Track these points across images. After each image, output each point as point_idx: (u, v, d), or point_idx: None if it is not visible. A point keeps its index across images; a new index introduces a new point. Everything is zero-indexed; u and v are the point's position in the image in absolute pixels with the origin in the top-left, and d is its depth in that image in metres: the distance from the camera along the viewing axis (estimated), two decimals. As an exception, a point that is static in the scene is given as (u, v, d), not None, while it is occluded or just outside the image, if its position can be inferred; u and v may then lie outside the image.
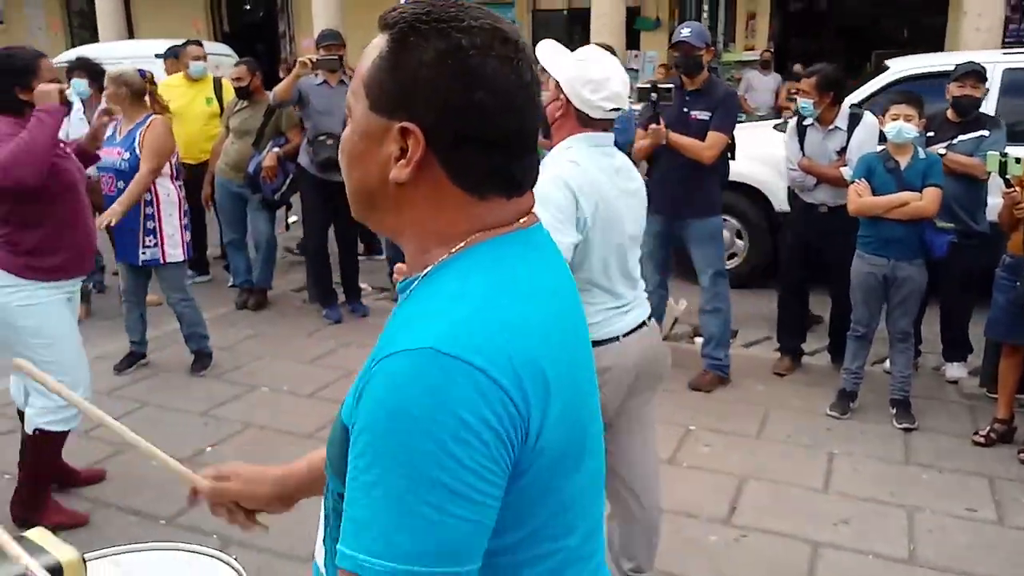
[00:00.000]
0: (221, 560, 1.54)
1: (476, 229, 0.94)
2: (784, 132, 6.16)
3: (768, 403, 4.36)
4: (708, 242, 4.44)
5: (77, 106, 5.90)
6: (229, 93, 6.14)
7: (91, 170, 4.36)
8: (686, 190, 4.32)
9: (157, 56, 6.15)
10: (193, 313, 4.78)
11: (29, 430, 3.20)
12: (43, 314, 3.12)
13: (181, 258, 4.62)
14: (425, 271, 0.95)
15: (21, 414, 3.35)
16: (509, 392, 0.83)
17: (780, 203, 5.96)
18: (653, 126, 4.22)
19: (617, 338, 2.32)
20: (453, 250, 0.93)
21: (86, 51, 8.49)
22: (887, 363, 4.38)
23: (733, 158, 4.48)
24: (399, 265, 1.93)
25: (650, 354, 2.41)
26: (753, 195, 6.08)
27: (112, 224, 4.31)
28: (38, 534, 1.38)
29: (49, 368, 3.12)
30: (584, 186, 2.19)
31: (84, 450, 3.69)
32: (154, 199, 4.44)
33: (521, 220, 0.98)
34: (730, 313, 4.61)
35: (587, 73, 2.23)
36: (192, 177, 6.18)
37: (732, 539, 3.16)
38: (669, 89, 4.20)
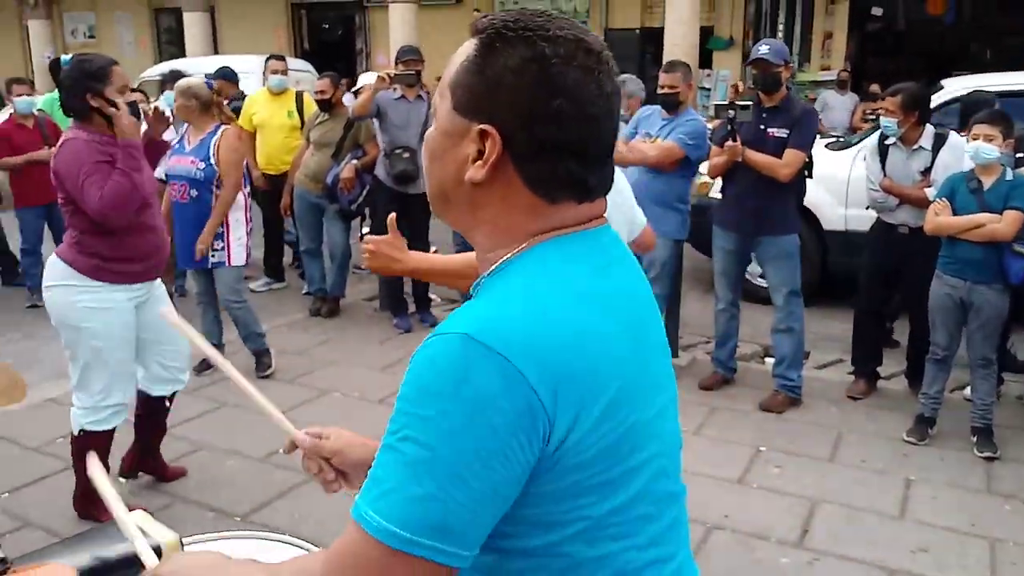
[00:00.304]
0: (301, 548, 1.57)
1: (543, 230, 0.96)
2: (835, 151, 6.07)
3: (841, 426, 4.27)
4: (784, 261, 4.39)
5: (167, 115, 6.16)
6: (310, 107, 6.34)
7: (159, 171, 4.54)
8: (762, 208, 4.28)
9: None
10: (247, 315, 4.91)
11: (75, 431, 3.21)
12: (107, 319, 3.13)
13: (243, 262, 4.78)
14: (491, 269, 0.98)
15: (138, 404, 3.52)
16: (535, 387, 0.85)
17: (829, 222, 5.85)
18: (729, 143, 4.21)
19: None
20: (517, 249, 0.96)
21: (176, 65, 8.87)
22: (967, 390, 4.24)
23: (810, 176, 4.42)
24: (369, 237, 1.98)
25: None
26: (803, 214, 5.95)
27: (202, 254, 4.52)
28: (139, 517, 1.43)
29: (89, 372, 3.14)
30: None
31: (165, 447, 3.82)
32: (216, 206, 4.57)
33: (588, 222, 0.99)
34: (803, 334, 4.54)
35: None
36: (272, 187, 6.40)
37: (805, 562, 3.10)
38: (747, 106, 4.19)
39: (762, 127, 4.25)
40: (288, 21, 16.27)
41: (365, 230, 7.29)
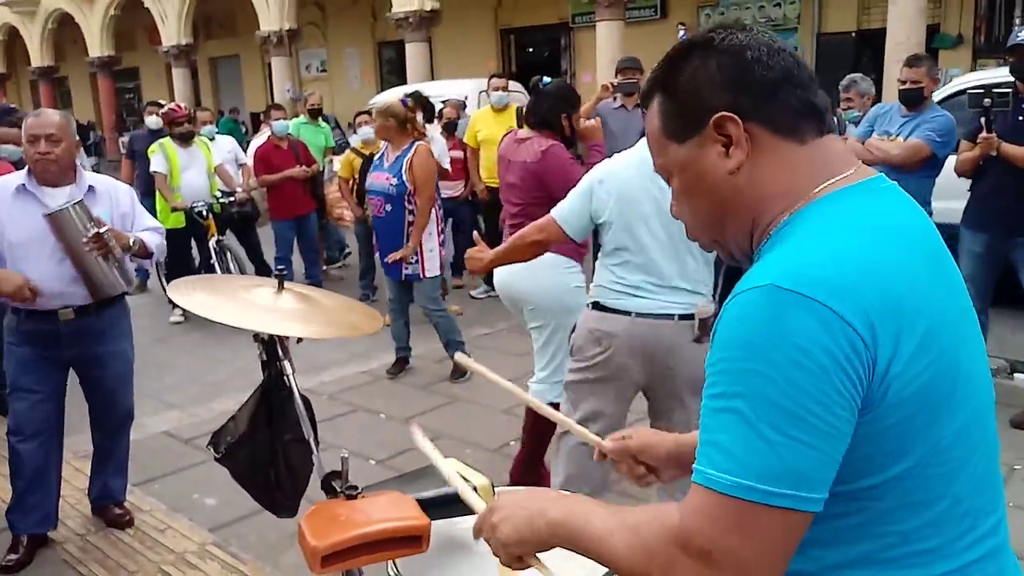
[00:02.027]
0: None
1: (813, 185, 0.99)
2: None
3: (1112, 447, 3.86)
4: (1045, 263, 4.05)
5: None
6: (530, 121, 6.62)
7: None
8: (1019, 207, 3.97)
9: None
10: (447, 322, 5.15)
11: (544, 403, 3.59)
12: (582, 297, 3.48)
13: (437, 273, 5.05)
14: (773, 231, 1.00)
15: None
16: (852, 323, 0.86)
17: None
18: (984, 135, 3.95)
19: (630, 314, 2.64)
20: (796, 207, 0.99)
21: (419, 87, 9.55)
22: None
23: (1075, 172, 4.05)
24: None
25: (653, 347, 2.66)
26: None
27: (399, 259, 4.84)
28: (454, 464, 1.59)
29: (561, 348, 3.48)
30: (607, 177, 2.65)
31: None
32: (415, 221, 4.85)
33: (856, 171, 1.00)
34: (1065, 345, 4.15)
35: None
36: (493, 200, 6.74)
37: (1078, 585, 2.84)
38: (1005, 95, 3.91)
39: (1020, 119, 3.96)
40: (498, 46, 17.02)
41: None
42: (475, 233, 2.64)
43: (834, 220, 0.96)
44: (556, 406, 3.48)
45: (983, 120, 3.99)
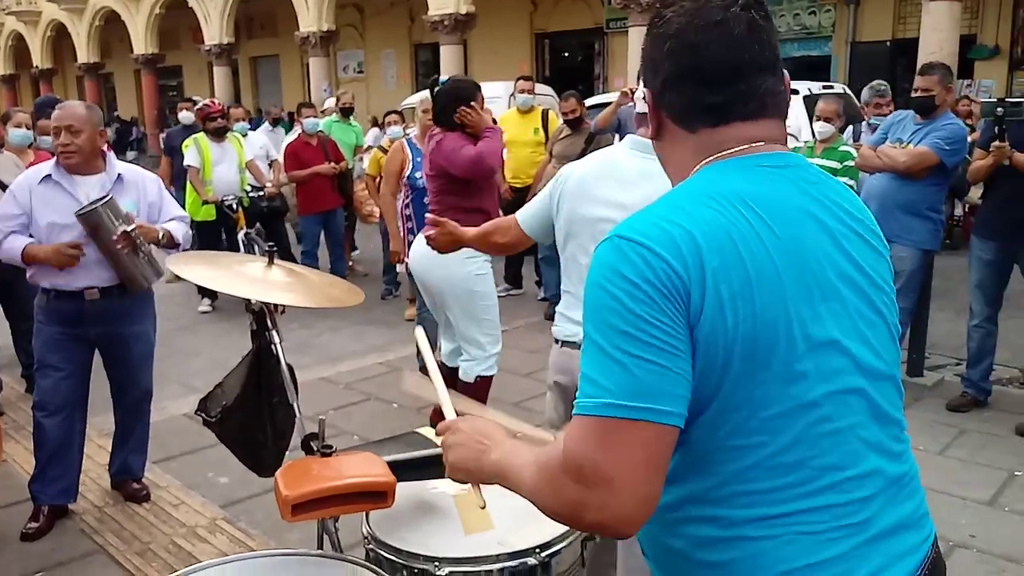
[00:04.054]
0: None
1: (700, 159, 1.11)
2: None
3: (1121, 460, 3.85)
4: (1054, 274, 4.04)
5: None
6: (554, 124, 6.73)
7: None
8: (1030, 217, 3.97)
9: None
10: None
11: (470, 379, 3.96)
12: (488, 282, 3.92)
13: None
14: None
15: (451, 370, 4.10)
16: (666, 259, 0.99)
17: None
18: (996, 144, 3.96)
19: (557, 342, 2.30)
20: (680, 180, 1.13)
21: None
22: None
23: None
24: None
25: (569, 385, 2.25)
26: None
27: None
28: (427, 431, 1.71)
29: (489, 324, 3.96)
30: (566, 172, 2.31)
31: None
32: None
33: (743, 149, 1.10)
34: (1075, 356, 4.14)
35: None
36: (517, 200, 6.84)
37: (1064, 589, 2.87)
38: (1018, 103, 3.92)
39: (1034, 128, 3.97)
40: (532, 50, 17.14)
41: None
42: (429, 217, 2.46)
43: (683, 187, 1.11)
44: (484, 379, 3.95)
45: (996, 129, 4.00)
